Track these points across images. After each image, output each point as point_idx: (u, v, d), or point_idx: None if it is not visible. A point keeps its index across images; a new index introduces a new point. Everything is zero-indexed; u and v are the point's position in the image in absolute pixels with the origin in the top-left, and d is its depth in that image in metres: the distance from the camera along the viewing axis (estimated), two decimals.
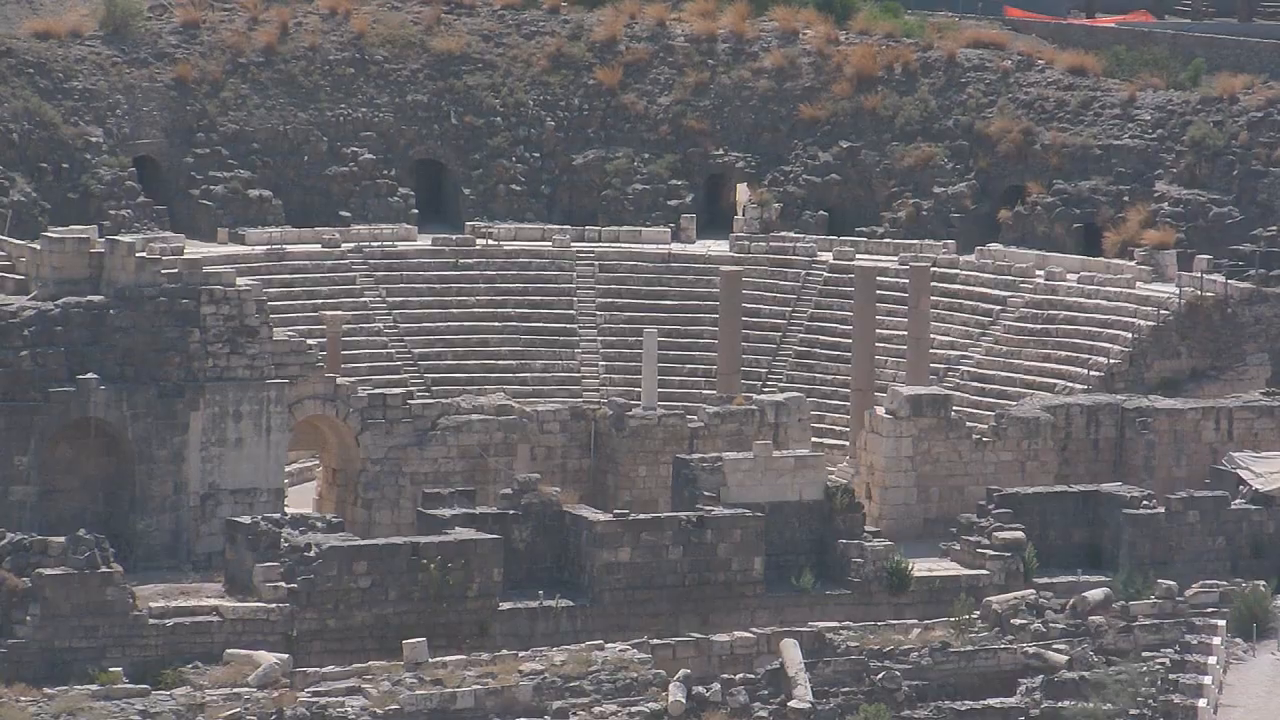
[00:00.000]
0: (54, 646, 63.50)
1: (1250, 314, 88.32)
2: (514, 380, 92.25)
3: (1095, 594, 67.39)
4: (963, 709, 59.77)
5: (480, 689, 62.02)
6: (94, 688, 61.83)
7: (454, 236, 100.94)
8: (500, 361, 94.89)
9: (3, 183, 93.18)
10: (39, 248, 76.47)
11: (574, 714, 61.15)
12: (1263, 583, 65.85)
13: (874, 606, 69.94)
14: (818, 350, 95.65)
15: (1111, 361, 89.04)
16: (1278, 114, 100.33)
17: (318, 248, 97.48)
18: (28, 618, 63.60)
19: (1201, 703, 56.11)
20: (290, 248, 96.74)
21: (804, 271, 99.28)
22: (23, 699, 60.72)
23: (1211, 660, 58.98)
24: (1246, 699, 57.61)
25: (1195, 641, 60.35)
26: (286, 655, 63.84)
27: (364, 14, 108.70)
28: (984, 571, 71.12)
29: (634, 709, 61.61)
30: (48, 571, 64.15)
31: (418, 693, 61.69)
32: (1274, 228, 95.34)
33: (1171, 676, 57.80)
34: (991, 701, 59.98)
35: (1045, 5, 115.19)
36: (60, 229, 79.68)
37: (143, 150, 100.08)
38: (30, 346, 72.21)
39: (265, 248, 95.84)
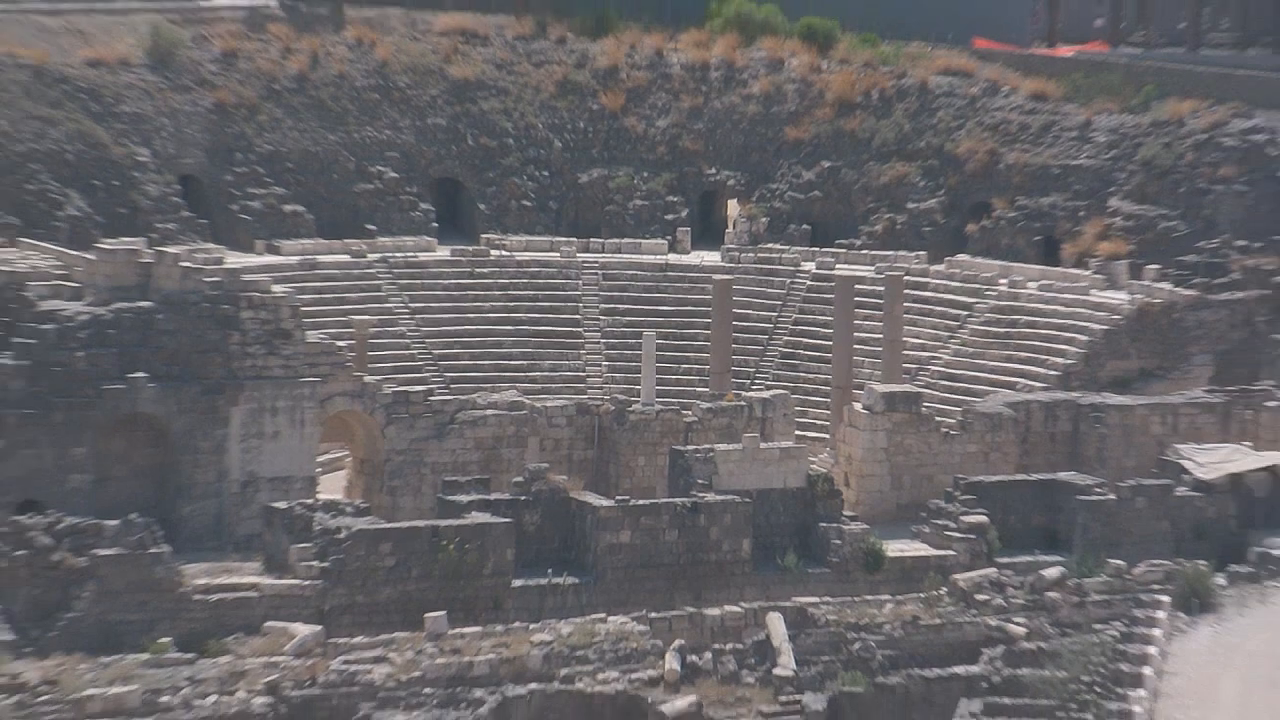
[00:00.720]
0: (108, 620, 63.96)
1: (1194, 319, 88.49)
2: (525, 378, 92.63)
3: (1052, 572, 67.45)
4: (931, 676, 59.78)
5: (495, 658, 62.33)
6: (145, 656, 62.19)
7: (470, 248, 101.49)
8: (512, 361, 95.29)
9: (59, 199, 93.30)
10: (93, 258, 76.97)
11: (579, 680, 61.57)
12: (1204, 562, 65.69)
13: (851, 584, 70.08)
14: (801, 351, 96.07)
15: (1068, 362, 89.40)
16: (1221, 136, 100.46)
17: (346, 258, 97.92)
18: (84, 594, 64.11)
19: (1147, 670, 56.26)
20: (321, 258, 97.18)
21: (789, 280, 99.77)
22: (80, 667, 61.28)
23: (1156, 632, 59.07)
24: (1187, 668, 57.75)
25: (1142, 615, 60.45)
26: (319, 627, 64.21)
27: (387, 44, 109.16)
28: (951, 552, 71.45)
29: (633, 676, 61.87)
30: (102, 552, 64.65)
31: (438, 661, 62.06)
32: (1217, 240, 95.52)
33: (1120, 647, 57.86)
34: (957, 669, 59.83)
35: (1010, 36, 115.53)
36: (111, 241, 79.57)
37: (186, 169, 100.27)
38: (85, 348, 72.57)
39: (298, 258, 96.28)
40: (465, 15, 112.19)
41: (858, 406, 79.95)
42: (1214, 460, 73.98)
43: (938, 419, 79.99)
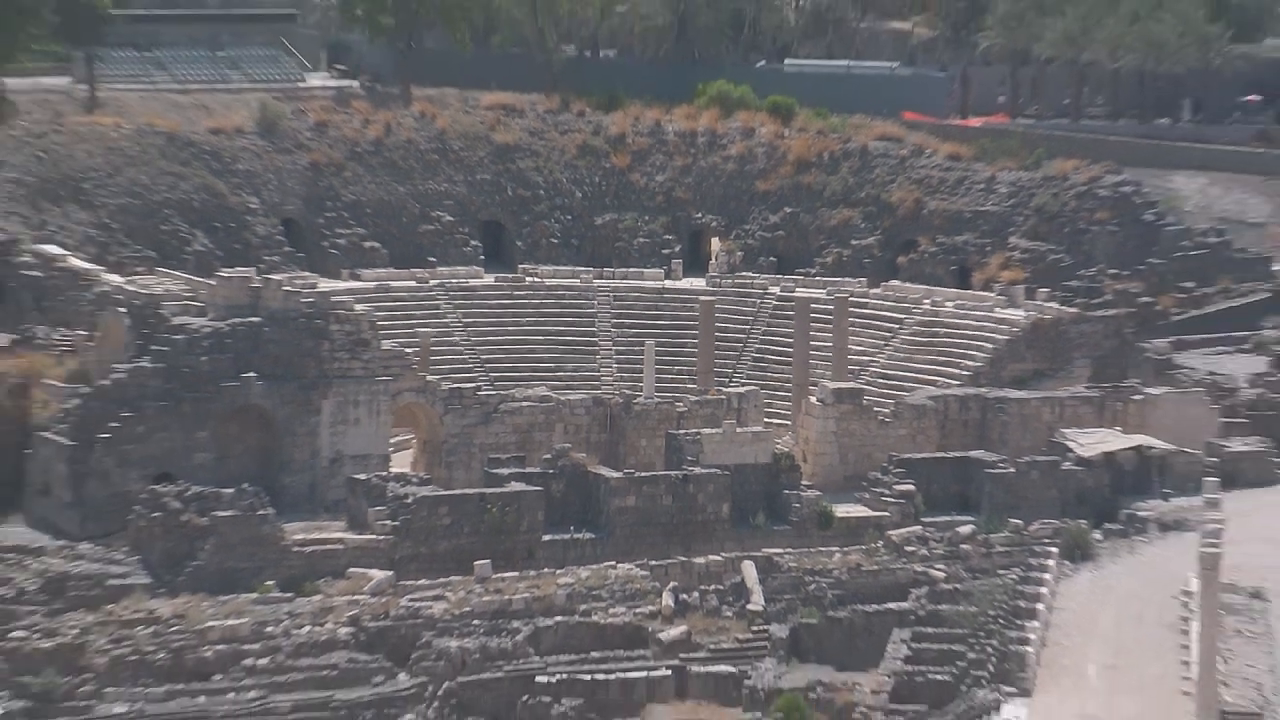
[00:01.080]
0: (225, 567, 63.80)
1: (1076, 331, 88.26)
2: (552, 377, 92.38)
3: (965, 529, 67.54)
4: (871, 611, 59.66)
5: (528, 596, 62.25)
6: (254, 596, 62.09)
7: (510, 275, 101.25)
8: (542, 364, 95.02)
9: (187, 237, 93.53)
10: (214, 284, 76.92)
11: (595, 614, 61.49)
12: (1084, 522, 65.67)
13: (808, 538, 69.92)
14: (768, 356, 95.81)
15: (977, 364, 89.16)
16: (1097, 188, 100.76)
17: (412, 283, 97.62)
18: (206, 547, 64.05)
19: (1039, 606, 56.18)
20: (393, 283, 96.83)
21: (758, 300, 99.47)
22: (203, 604, 61.20)
23: (1047, 576, 59.01)
24: (1071, 604, 57.71)
25: (1035, 563, 60.38)
26: (391, 573, 64.17)
27: (445, 116, 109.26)
28: (886, 513, 71.22)
29: (637, 610, 61.82)
30: (220, 514, 64.63)
31: (484, 599, 61.97)
32: (1094, 269, 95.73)
33: (1018, 588, 57.78)
34: (891, 605, 59.70)
35: (931, 109, 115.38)
36: (228, 270, 79.58)
37: (287, 214, 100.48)
38: (207, 354, 72.53)
39: (375, 283, 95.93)
40: (506, 94, 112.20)
41: (813, 400, 79.60)
42: (1092, 441, 73.81)
43: (875, 409, 79.52)
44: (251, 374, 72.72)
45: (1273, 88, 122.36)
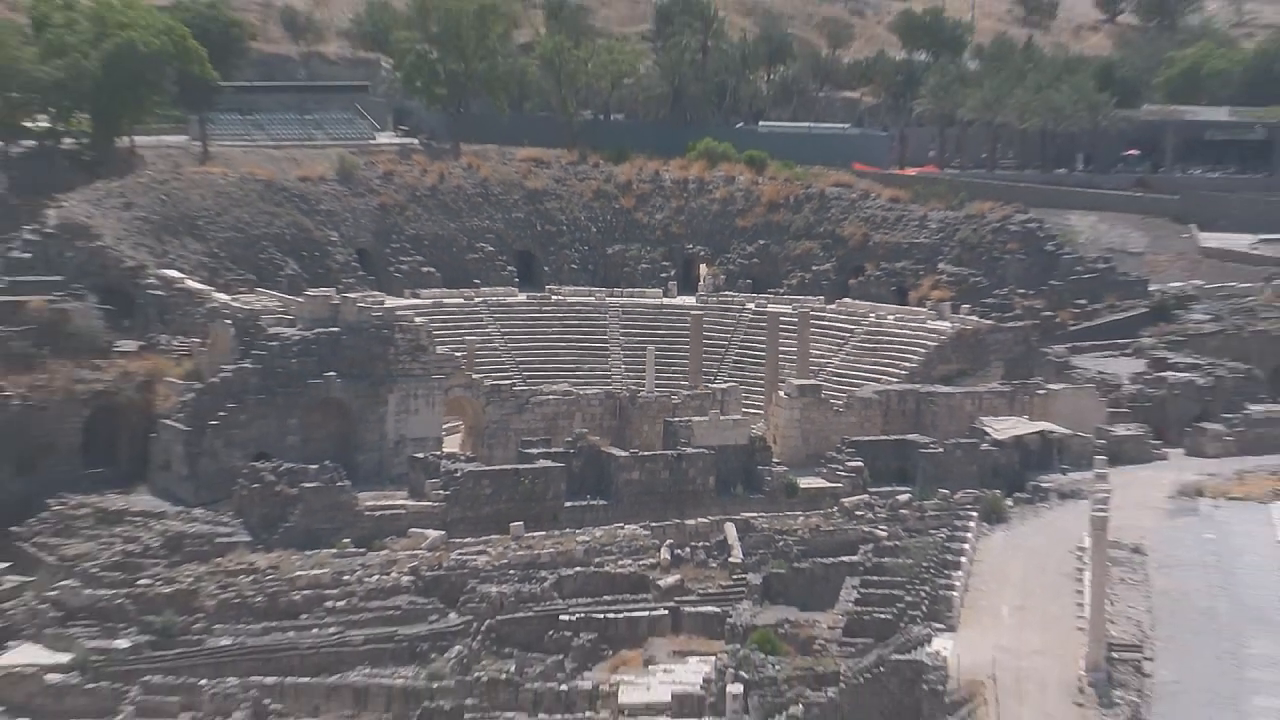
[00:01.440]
0: (310, 528, 63.77)
1: (992, 339, 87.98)
2: (572, 376, 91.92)
3: (903, 497, 67.64)
4: (828, 563, 59.69)
5: (553, 551, 62.26)
6: (333, 551, 62.12)
7: (538, 294, 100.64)
8: (564, 365, 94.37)
9: (280, 264, 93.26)
10: (301, 300, 76.89)
11: (606, 565, 61.45)
12: (998, 491, 65.64)
13: (777, 505, 69.85)
14: (746, 360, 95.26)
15: (912, 366, 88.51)
16: (1009, 225, 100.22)
17: (461, 300, 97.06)
18: (295, 512, 64.03)
19: (962, 559, 56.20)
20: (445, 300, 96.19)
21: (738, 314, 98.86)
22: (292, 558, 61.22)
23: (969, 535, 59.05)
24: (988, 557, 57.62)
25: (959, 525, 60.34)
26: (443, 532, 64.28)
27: (487, 167, 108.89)
28: (840, 485, 71.00)
29: (640, 562, 61.88)
30: (307, 485, 64.77)
31: (518, 553, 61.98)
32: (1005, 290, 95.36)
33: (946, 545, 57.85)
34: (844, 558, 59.90)
35: (876, 162, 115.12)
36: (313, 290, 79.43)
37: (361, 244, 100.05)
38: (296, 357, 72.38)
39: (430, 300, 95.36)
40: (536, 149, 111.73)
41: (781, 394, 79.50)
42: (1004, 427, 73.63)
43: (831, 401, 79.32)
44: (332, 373, 72.52)
45: (1148, 144, 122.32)
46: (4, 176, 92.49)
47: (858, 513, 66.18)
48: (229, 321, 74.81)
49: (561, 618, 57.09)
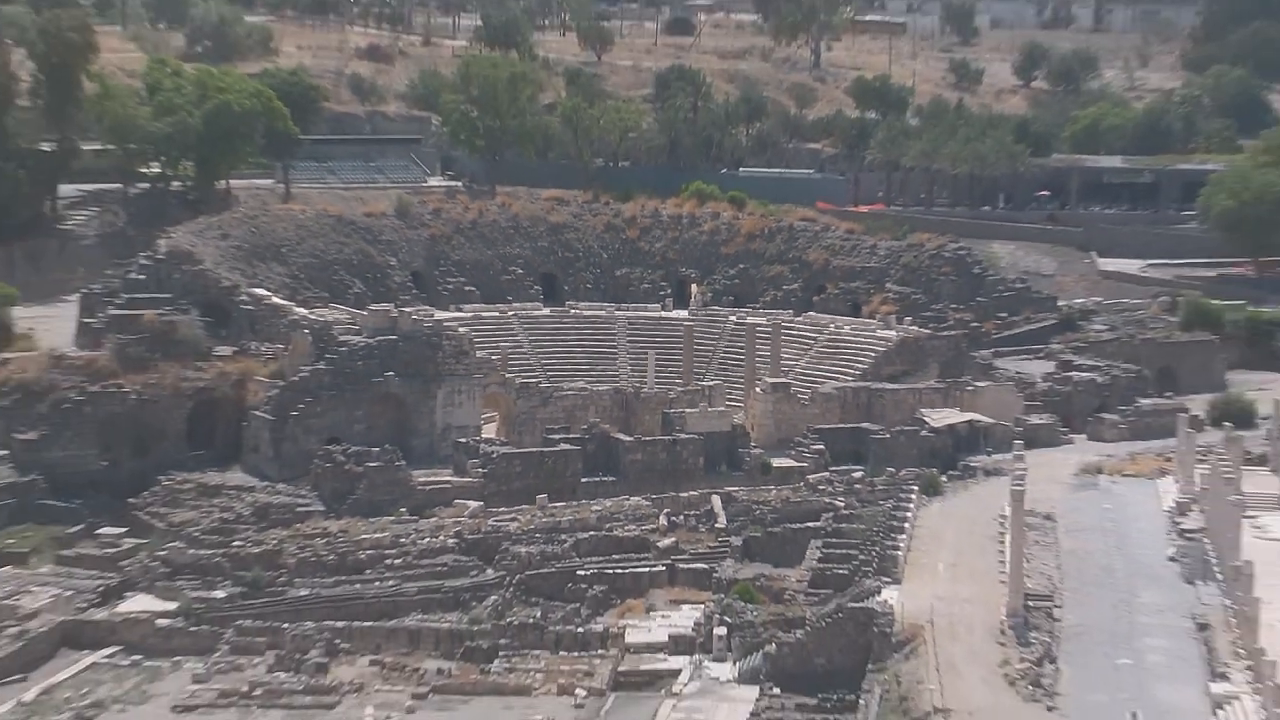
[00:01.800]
0: (373, 499, 63.42)
1: (930, 345, 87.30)
2: (587, 375, 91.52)
3: (857, 474, 67.43)
4: (796, 528, 59.58)
5: (572, 518, 62.13)
6: (392, 518, 62.04)
7: (559, 308, 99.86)
8: (580, 366, 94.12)
9: (349, 284, 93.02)
10: (366, 314, 76.68)
11: (615, 530, 61.28)
12: (935, 470, 65.63)
13: (754, 481, 69.40)
14: (729, 362, 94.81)
15: (864, 367, 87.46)
16: (944, 252, 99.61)
17: (496, 314, 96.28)
18: (360, 486, 63.52)
19: (906, 525, 56.09)
20: (484, 314, 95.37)
21: (722, 325, 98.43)
22: (359, 524, 61.10)
23: (911, 506, 58.97)
24: (927, 523, 57.51)
25: (903, 497, 60.32)
26: (482, 503, 64.17)
27: (518, 204, 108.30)
28: (806, 464, 70.66)
29: (643, 527, 61.73)
30: (370, 464, 64.71)
31: (542, 520, 61.84)
32: (940, 305, 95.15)
33: (892, 513, 57.76)
34: (809, 524, 59.85)
35: (836, 200, 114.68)
36: (376, 305, 79.42)
37: (415, 268, 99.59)
38: (362, 360, 72.11)
39: (472, 314, 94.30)
40: (557, 190, 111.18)
41: (758, 390, 79.39)
42: (940, 417, 73.60)
43: (799, 396, 79.12)
44: (390, 373, 72.27)
45: (1057, 186, 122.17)
46: (124, 213, 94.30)
47: (820, 487, 66.09)
48: (307, 331, 74.70)
49: (578, 573, 57.01)
